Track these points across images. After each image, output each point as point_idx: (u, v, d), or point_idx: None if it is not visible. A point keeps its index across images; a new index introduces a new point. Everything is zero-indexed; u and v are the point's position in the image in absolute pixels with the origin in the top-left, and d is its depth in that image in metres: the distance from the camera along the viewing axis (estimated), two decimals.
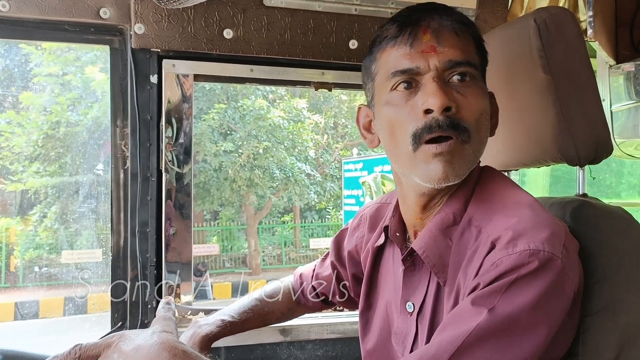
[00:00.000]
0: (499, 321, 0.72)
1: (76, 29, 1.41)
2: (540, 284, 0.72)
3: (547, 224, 0.78)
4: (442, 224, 0.90)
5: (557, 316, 0.74)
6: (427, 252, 0.90)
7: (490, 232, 0.81)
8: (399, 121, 0.88)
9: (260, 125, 9.67)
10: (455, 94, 0.85)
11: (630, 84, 1.81)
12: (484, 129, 0.89)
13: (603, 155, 0.96)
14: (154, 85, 1.45)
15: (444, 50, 0.85)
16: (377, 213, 1.18)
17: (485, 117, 0.89)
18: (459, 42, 0.86)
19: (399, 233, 1.02)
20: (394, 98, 0.88)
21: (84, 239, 6.24)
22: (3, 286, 8.17)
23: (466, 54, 0.86)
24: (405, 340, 0.97)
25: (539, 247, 0.74)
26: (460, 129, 0.84)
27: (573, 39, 0.96)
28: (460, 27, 0.87)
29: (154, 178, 1.46)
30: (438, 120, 0.83)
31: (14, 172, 7.23)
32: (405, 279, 0.97)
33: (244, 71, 1.53)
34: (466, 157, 0.86)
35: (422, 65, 0.85)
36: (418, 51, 0.86)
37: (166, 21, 1.42)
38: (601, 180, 3.36)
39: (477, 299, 0.74)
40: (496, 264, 0.75)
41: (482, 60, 0.92)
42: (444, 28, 0.86)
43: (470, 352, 0.71)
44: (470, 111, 0.85)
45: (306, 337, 1.59)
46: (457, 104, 0.85)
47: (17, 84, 6.72)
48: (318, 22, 1.54)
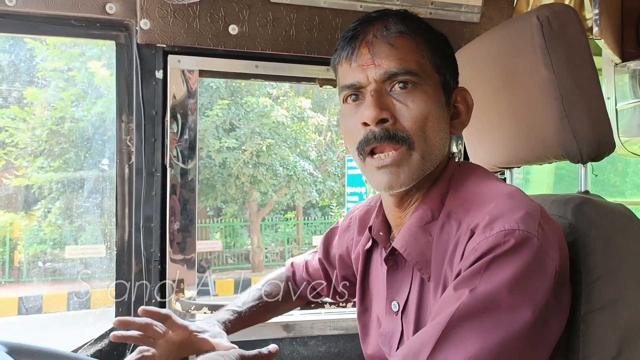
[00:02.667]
0: (480, 300, 0.73)
1: (82, 24, 1.42)
2: (518, 262, 0.74)
3: (522, 206, 0.79)
4: (421, 221, 0.92)
5: (540, 294, 0.75)
6: (408, 250, 0.91)
7: (469, 222, 0.83)
8: (349, 132, 0.93)
9: (263, 122, 9.67)
10: (395, 103, 0.89)
11: (635, 82, 1.81)
12: (434, 132, 0.90)
13: (605, 152, 0.96)
14: (159, 81, 1.46)
15: (380, 63, 0.89)
16: (366, 215, 1.20)
17: (433, 121, 0.90)
18: (395, 53, 0.89)
19: (382, 232, 1.03)
20: (345, 110, 0.95)
21: (88, 234, 6.26)
22: (7, 281, 8.20)
23: (404, 63, 0.89)
24: (391, 341, 0.98)
25: (514, 227, 0.76)
26: (397, 138, 0.87)
27: (576, 36, 0.96)
28: (397, 36, 0.90)
29: (159, 173, 1.47)
30: (374, 132, 0.88)
31: (19, 167, 7.26)
32: (389, 279, 0.99)
33: (249, 67, 1.53)
34: (412, 165, 0.89)
35: (362, 79, 0.90)
36: (359, 65, 0.91)
37: (172, 17, 1.42)
38: (605, 180, 3.35)
39: (458, 284, 0.76)
40: (475, 248, 0.77)
41: (434, 62, 0.92)
42: (379, 41, 0.90)
43: (455, 333, 0.73)
44: (411, 119, 0.88)
45: (309, 333, 1.59)
46: (395, 113, 0.88)
47: (23, 78, 6.74)
48: (323, 18, 1.54)
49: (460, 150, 1.68)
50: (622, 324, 0.84)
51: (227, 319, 1.23)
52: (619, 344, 0.84)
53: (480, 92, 1.14)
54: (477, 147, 1.24)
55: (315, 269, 1.34)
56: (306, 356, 1.59)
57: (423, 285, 0.92)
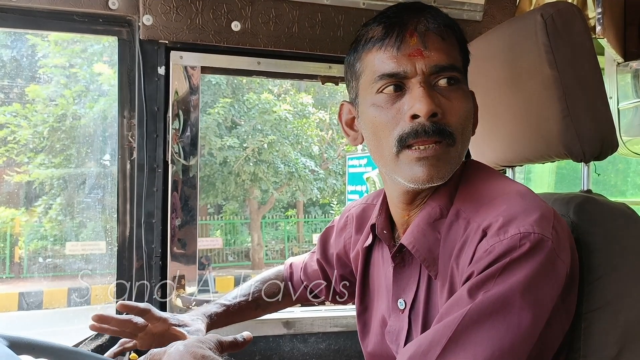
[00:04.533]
0: (492, 302, 0.72)
1: (84, 20, 1.42)
2: (532, 264, 0.73)
3: (536, 208, 0.78)
4: (430, 218, 0.91)
5: (551, 296, 0.74)
6: (416, 246, 0.91)
7: (480, 221, 0.82)
8: (384, 124, 0.88)
9: (265, 119, 9.67)
10: (440, 98, 0.86)
11: (637, 82, 1.80)
12: (468, 131, 0.91)
13: (608, 151, 0.96)
14: (162, 77, 1.46)
15: (430, 55, 0.85)
16: (364, 214, 1.19)
17: (469, 120, 0.90)
18: (445, 46, 0.87)
19: (386, 231, 1.02)
20: (380, 100, 0.88)
21: (89, 230, 6.26)
22: (8, 276, 8.22)
23: (452, 58, 0.87)
24: (398, 338, 0.97)
25: (529, 230, 0.75)
26: (445, 134, 0.85)
27: (580, 34, 0.95)
28: (446, 30, 0.88)
29: (160, 169, 1.47)
30: (424, 126, 0.84)
31: (20, 164, 7.26)
32: (396, 276, 0.98)
33: (251, 64, 1.53)
34: (450, 160, 0.87)
35: (409, 69, 0.85)
36: (405, 54, 0.86)
37: (174, 13, 1.42)
38: (606, 180, 3.35)
39: (473, 287, 0.75)
40: (489, 250, 0.76)
41: (465, 62, 0.93)
42: (431, 31, 0.86)
43: (467, 334, 0.72)
44: (455, 115, 0.87)
45: (309, 330, 1.60)
46: (443, 108, 0.86)
47: (25, 74, 6.74)
48: (326, 15, 1.54)
49: None
50: (624, 323, 0.84)
51: (213, 312, 1.23)
52: (620, 342, 0.84)
53: (483, 90, 1.14)
54: (479, 145, 1.24)
55: (313, 269, 1.33)
56: (306, 353, 1.59)
57: (430, 283, 0.91)
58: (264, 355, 1.56)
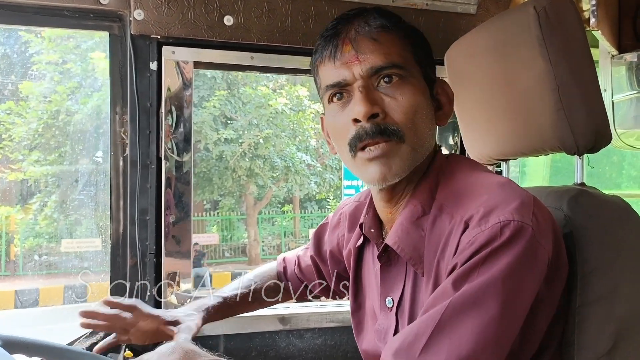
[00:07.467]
0: (475, 292, 0.73)
1: (75, 15, 1.40)
2: (513, 252, 0.74)
3: (516, 197, 0.79)
4: (412, 216, 0.92)
5: (533, 282, 0.76)
6: (401, 246, 0.91)
7: (462, 214, 0.83)
8: (338, 131, 0.93)
9: (261, 113, 9.64)
10: (385, 97, 0.89)
11: (632, 74, 1.80)
12: (423, 124, 0.91)
13: (602, 144, 0.96)
14: (154, 72, 1.45)
15: (366, 58, 0.89)
16: (356, 211, 1.19)
17: (421, 112, 0.91)
18: (380, 47, 0.89)
19: (373, 229, 1.03)
20: (332, 110, 0.94)
21: (84, 228, 6.24)
22: (3, 274, 8.20)
23: (389, 57, 0.89)
24: (386, 336, 0.98)
25: (509, 218, 0.76)
26: (388, 132, 0.87)
27: (573, 26, 0.95)
28: (379, 31, 0.90)
29: (154, 166, 1.46)
30: (365, 128, 0.87)
31: (14, 161, 7.23)
32: (383, 275, 0.99)
33: (245, 59, 1.52)
34: (403, 156, 0.89)
35: (348, 76, 0.90)
36: (343, 63, 0.90)
37: (166, 7, 1.41)
38: (601, 172, 3.36)
39: (457, 278, 0.76)
40: (471, 241, 0.77)
41: (416, 54, 0.93)
42: (362, 36, 0.90)
43: (451, 324, 0.73)
44: (401, 112, 0.88)
45: (305, 326, 1.60)
46: (385, 108, 0.88)
47: (17, 70, 6.70)
48: (319, 9, 1.53)
49: (456, 143, 1.68)
50: (618, 316, 0.84)
51: (210, 305, 1.24)
52: (615, 336, 0.84)
53: (477, 84, 1.14)
54: (473, 139, 1.23)
55: (307, 264, 1.34)
56: (302, 349, 1.59)
57: (417, 280, 0.92)
58: (260, 351, 1.56)
